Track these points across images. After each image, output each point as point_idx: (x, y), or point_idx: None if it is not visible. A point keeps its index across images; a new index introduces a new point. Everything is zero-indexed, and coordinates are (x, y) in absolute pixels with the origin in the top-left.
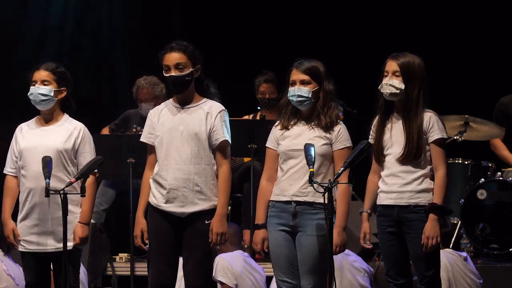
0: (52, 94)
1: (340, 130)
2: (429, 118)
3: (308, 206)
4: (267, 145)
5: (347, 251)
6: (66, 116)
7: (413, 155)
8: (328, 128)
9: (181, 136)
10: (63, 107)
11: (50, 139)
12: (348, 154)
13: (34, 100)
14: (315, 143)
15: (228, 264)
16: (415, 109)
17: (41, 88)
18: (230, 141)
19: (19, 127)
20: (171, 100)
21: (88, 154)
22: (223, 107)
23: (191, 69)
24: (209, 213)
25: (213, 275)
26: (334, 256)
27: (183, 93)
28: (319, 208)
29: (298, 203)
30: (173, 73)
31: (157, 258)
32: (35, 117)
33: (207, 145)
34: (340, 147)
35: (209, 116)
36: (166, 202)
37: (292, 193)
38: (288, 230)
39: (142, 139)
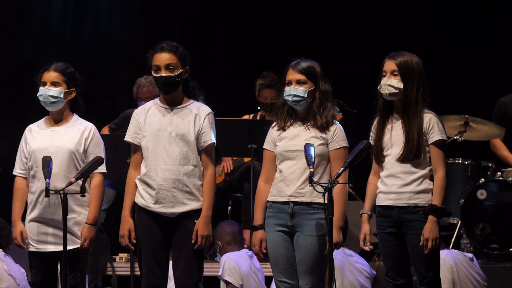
0: (62, 95)
1: (336, 130)
2: (429, 119)
3: (305, 206)
4: (264, 146)
5: (349, 251)
6: (75, 116)
7: (413, 154)
8: (324, 128)
9: (170, 137)
10: (72, 107)
11: (62, 140)
12: (344, 154)
13: (44, 101)
14: (314, 144)
15: (235, 263)
16: (414, 108)
17: (51, 90)
18: (215, 143)
19: (28, 128)
20: (157, 100)
21: (98, 155)
22: (210, 110)
23: (180, 70)
24: (198, 212)
25: (219, 274)
26: (335, 256)
27: (171, 94)
28: (317, 208)
29: (295, 203)
30: (164, 73)
31: (148, 260)
32: (44, 118)
33: (195, 146)
34: (336, 147)
35: (198, 118)
36: (155, 202)
37: (289, 193)
38: (286, 231)
39: (127, 138)
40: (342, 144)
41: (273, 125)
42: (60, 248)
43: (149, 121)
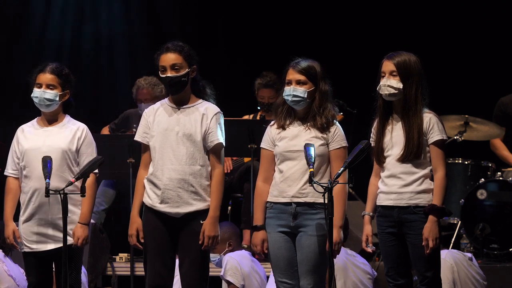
0: (57, 98)
1: (336, 130)
2: (429, 119)
3: (308, 207)
4: (262, 146)
5: (351, 252)
6: (68, 117)
7: (413, 153)
8: (324, 129)
9: (177, 137)
10: (65, 108)
11: (55, 140)
12: (344, 153)
13: (40, 104)
14: (315, 144)
15: (237, 264)
16: (414, 108)
17: (47, 93)
18: (224, 143)
19: (20, 128)
20: (166, 100)
21: (90, 155)
22: (218, 109)
23: (187, 70)
24: (204, 213)
25: (221, 274)
26: (338, 256)
27: (179, 94)
28: (319, 208)
29: (298, 204)
30: (169, 74)
31: (154, 259)
32: (36, 118)
33: (202, 146)
34: (336, 147)
35: (205, 118)
36: (161, 202)
37: (291, 194)
38: (287, 231)
39: (137, 138)
40: (342, 144)
41: (271, 123)
42: (54, 246)
43: (157, 121)
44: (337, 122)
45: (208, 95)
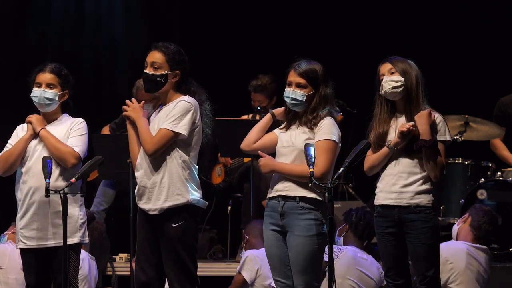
0: (57, 98)
1: (322, 124)
2: (436, 118)
3: (294, 203)
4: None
5: (362, 254)
6: (66, 115)
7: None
8: (313, 126)
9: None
10: (63, 108)
11: None
12: (327, 146)
13: (40, 103)
14: (301, 139)
15: (256, 261)
16: (416, 101)
17: (47, 92)
18: (175, 130)
19: (20, 126)
20: None
21: (76, 140)
22: (192, 100)
23: (166, 72)
24: (176, 212)
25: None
26: (347, 251)
27: (153, 92)
28: (305, 209)
29: (282, 197)
30: (147, 70)
31: (140, 257)
32: None
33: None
34: (318, 139)
35: (169, 109)
36: (139, 199)
37: (278, 188)
38: (278, 230)
39: None
40: (323, 136)
41: (281, 126)
42: (51, 242)
43: (150, 120)
44: (329, 117)
45: (198, 99)
